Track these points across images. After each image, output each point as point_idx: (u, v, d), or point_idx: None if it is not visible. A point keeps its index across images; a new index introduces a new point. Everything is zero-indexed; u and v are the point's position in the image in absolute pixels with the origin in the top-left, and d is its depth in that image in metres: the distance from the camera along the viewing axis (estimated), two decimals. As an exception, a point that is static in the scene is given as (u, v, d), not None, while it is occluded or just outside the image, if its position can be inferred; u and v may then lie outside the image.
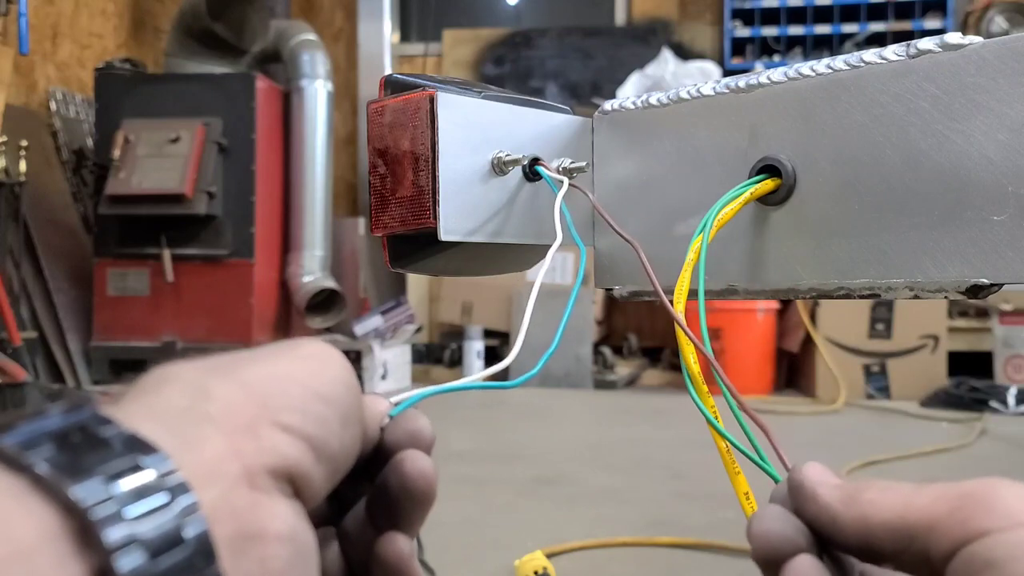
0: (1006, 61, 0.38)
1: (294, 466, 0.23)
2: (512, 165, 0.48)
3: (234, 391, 0.23)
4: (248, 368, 0.24)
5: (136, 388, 0.23)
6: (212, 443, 0.22)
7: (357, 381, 0.27)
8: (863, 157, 0.42)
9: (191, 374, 0.24)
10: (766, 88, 0.45)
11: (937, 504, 0.24)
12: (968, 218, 0.40)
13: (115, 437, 0.20)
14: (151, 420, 0.21)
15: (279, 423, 0.23)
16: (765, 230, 0.46)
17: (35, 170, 2.89)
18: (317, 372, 0.25)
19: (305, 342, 0.27)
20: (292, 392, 0.24)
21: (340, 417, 0.25)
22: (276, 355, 0.26)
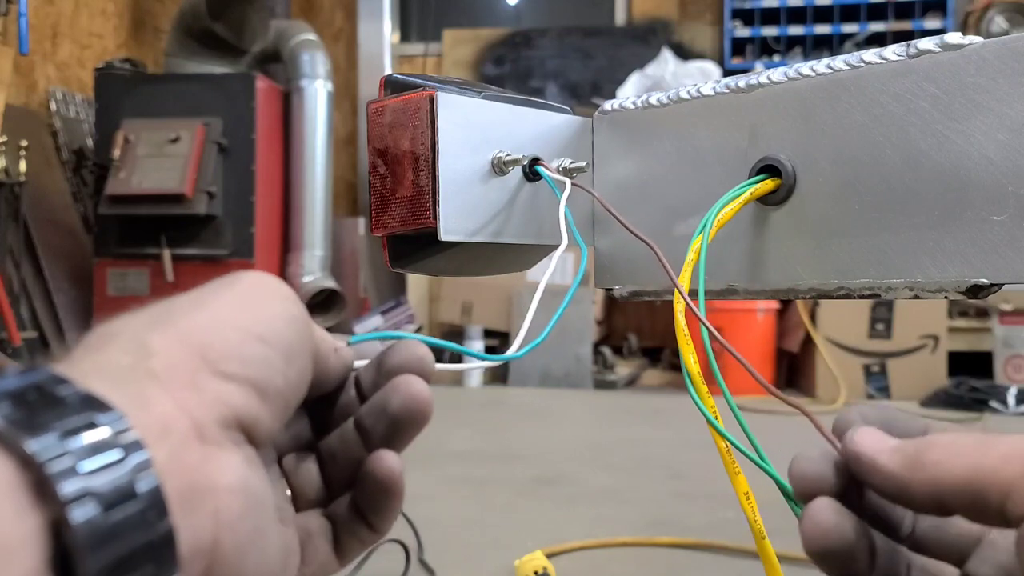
0: (1006, 61, 0.38)
1: (241, 413, 0.24)
2: (512, 165, 0.48)
3: (173, 345, 0.23)
4: (185, 317, 0.25)
5: (82, 346, 0.24)
6: (159, 401, 0.22)
7: (301, 308, 0.27)
8: (863, 157, 0.42)
9: (131, 329, 0.24)
10: (766, 88, 0.45)
11: (1010, 466, 0.24)
12: (968, 218, 0.40)
13: (71, 396, 0.20)
14: (100, 379, 0.22)
15: (220, 372, 0.23)
16: (765, 230, 0.46)
17: (35, 170, 2.89)
18: (255, 310, 0.26)
19: (242, 275, 0.27)
20: (230, 338, 0.24)
21: (282, 354, 0.25)
22: (214, 296, 0.26)
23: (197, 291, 0.26)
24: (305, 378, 0.27)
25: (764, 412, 2.54)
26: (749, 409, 2.64)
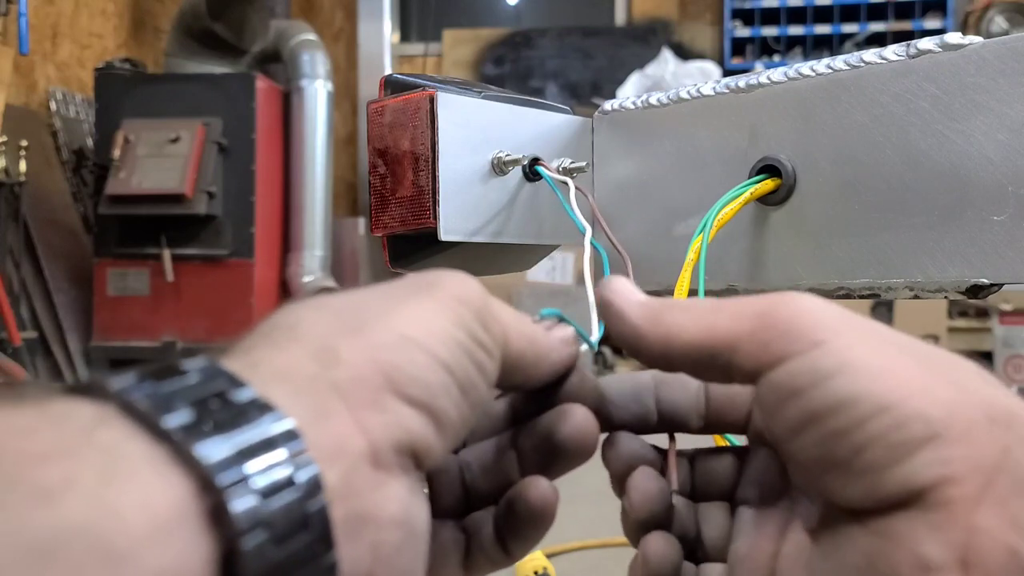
0: (1006, 61, 0.38)
1: (418, 440, 0.22)
2: (512, 165, 0.48)
3: (362, 357, 0.22)
4: (377, 325, 0.23)
5: (264, 336, 0.23)
6: (339, 417, 0.21)
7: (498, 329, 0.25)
8: (863, 157, 0.42)
9: (319, 329, 0.23)
10: (766, 88, 0.45)
11: (738, 324, 0.25)
12: (968, 218, 0.40)
13: (250, 406, 0.19)
14: (282, 385, 0.21)
15: (404, 395, 0.22)
16: (765, 230, 0.46)
17: (35, 170, 2.89)
18: (446, 332, 0.24)
19: (444, 282, 0.25)
20: (418, 361, 0.23)
21: (461, 387, 0.24)
22: (408, 303, 0.24)
23: (392, 288, 0.25)
24: (478, 408, 0.25)
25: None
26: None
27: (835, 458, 0.23)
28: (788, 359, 0.23)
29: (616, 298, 0.28)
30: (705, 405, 0.30)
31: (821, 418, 0.23)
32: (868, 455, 0.22)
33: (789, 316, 0.24)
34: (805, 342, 0.23)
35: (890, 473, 0.22)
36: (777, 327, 0.24)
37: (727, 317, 0.25)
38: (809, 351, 0.23)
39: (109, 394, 0.19)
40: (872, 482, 0.22)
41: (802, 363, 0.23)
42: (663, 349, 0.26)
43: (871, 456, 0.22)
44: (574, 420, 0.28)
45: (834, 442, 0.22)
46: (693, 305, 0.26)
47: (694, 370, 0.26)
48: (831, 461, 0.23)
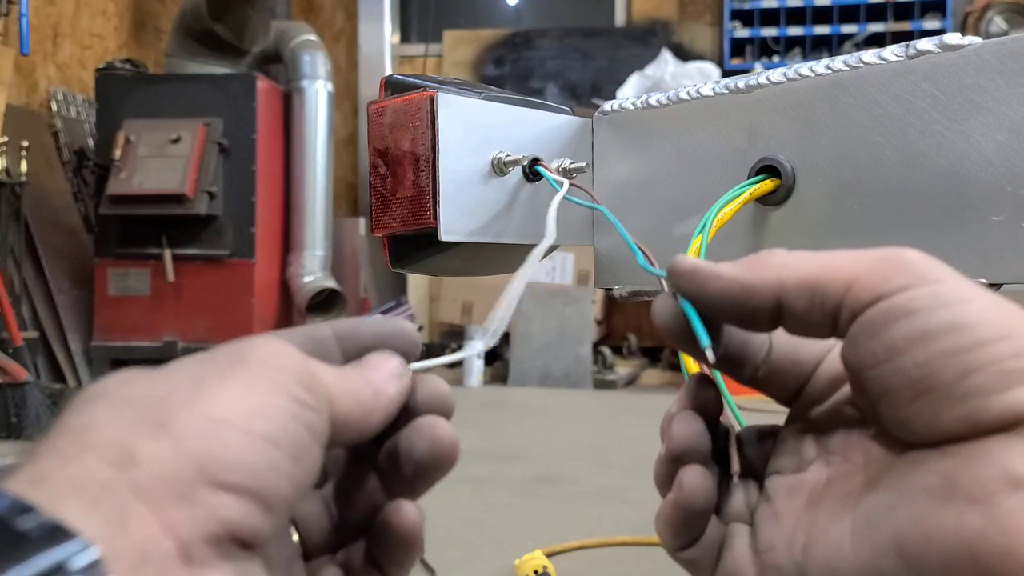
0: (1005, 62, 0.38)
1: (238, 526, 0.21)
2: (512, 165, 0.48)
3: (164, 452, 0.21)
4: (182, 414, 0.22)
5: (51, 446, 0.21)
6: (141, 521, 0.20)
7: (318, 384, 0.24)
8: (862, 157, 0.42)
9: (114, 429, 0.21)
10: (765, 89, 0.45)
11: (856, 264, 0.25)
12: (967, 218, 0.40)
13: (35, 531, 0.18)
14: (75, 498, 0.19)
15: (220, 483, 0.21)
16: (764, 230, 0.46)
17: (36, 170, 2.89)
18: (263, 404, 0.23)
19: (250, 352, 0.24)
20: (233, 444, 0.21)
21: (291, 455, 0.23)
22: (217, 383, 0.23)
23: (199, 367, 0.24)
24: (314, 471, 0.24)
25: (764, 412, 2.54)
26: (749, 409, 2.63)
27: (937, 380, 0.23)
28: (910, 288, 0.24)
29: (701, 263, 0.27)
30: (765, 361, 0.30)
31: (935, 337, 0.23)
32: (977, 378, 0.22)
33: (911, 259, 0.24)
34: (928, 278, 0.24)
35: (997, 398, 0.22)
36: (899, 266, 0.24)
37: (844, 257, 0.25)
38: (931, 284, 0.24)
39: None
40: (975, 406, 0.22)
41: (924, 291, 0.23)
42: (776, 289, 0.25)
43: (980, 379, 0.22)
44: (430, 434, 0.28)
45: (942, 363, 0.23)
46: (795, 252, 0.26)
47: (806, 309, 0.25)
48: (931, 384, 0.23)
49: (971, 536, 0.21)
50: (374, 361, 0.28)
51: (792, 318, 0.26)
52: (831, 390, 0.29)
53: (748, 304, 0.26)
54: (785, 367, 0.29)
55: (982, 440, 0.22)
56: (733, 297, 0.26)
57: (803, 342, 0.29)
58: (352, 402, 0.26)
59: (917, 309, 0.23)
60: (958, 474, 0.22)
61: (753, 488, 0.30)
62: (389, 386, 0.27)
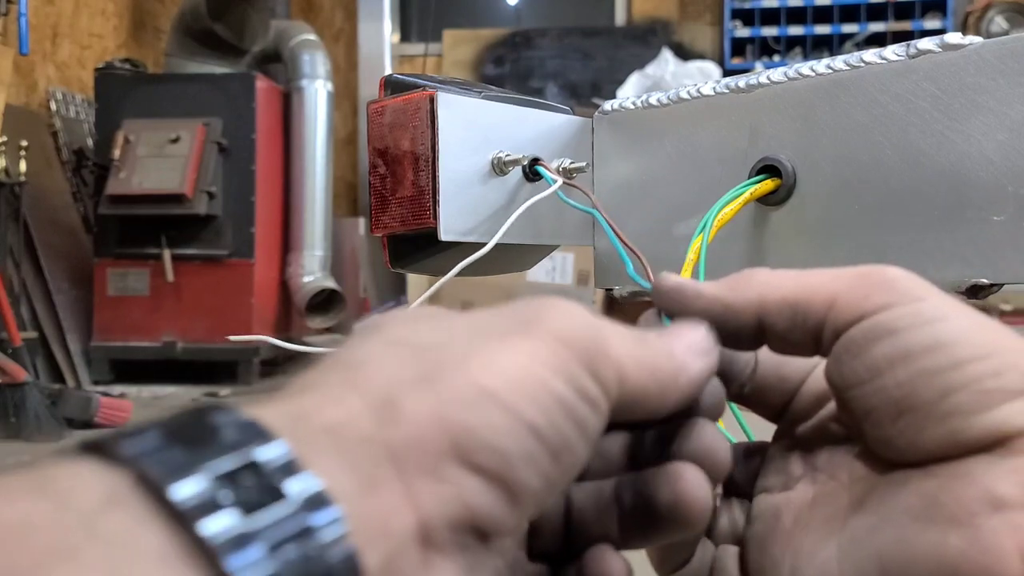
0: (1006, 61, 0.38)
1: (482, 515, 0.19)
2: (512, 165, 0.48)
3: (426, 414, 0.19)
4: (455, 374, 0.20)
5: (322, 377, 0.20)
6: (388, 488, 0.18)
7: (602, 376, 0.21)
8: (863, 157, 0.42)
9: (386, 373, 0.20)
10: (766, 88, 0.45)
11: (836, 281, 0.25)
12: (968, 218, 0.40)
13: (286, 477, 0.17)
14: (327, 445, 0.18)
15: (472, 463, 0.19)
16: (765, 230, 0.46)
17: (35, 170, 2.89)
18: (537, 387, 0.20)
19: (541, 314, 0.22)
20: (496, 423, 0.19)
21: (552, 452, 0.20)
22: (496, 343, 0.21)
23: (485, 321, 0.22)
24: (574, 472, 0.22)
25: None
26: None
27: (918, 400, 0.23)
28: (890, 307, 0.23)
29: (685, 282, 0.26)
30: (751, 378, 0.29)
31: (915, 357, 0.23)
32: (957, 398, 0.22)
33: (891, 276, 0.24)
34: (909, 296, 0.24)
35: (977, 419, 0.22)
36: (880, 284, 0.24)
37: (825, 275, 0.25)
38: (913, 303, 0.23)
39: (124, 459, 0.17)
40: (956, 426, 0.22)
41: (906, 310, 0.23)
42: (758, 308, 0.25)
43: (960, 399, 0.22)
44: (679, 485, 0.23)
45: (923, 382, 0.22)
46: (776, 271, 0.26)
47: (787, 328, 0.25)
48: (912, 403, 0.23)
49: (953, 558, 0.21)
50: (680, 329, 0.25)
51: (774, 337, 0.26)
52: (816, 407, 0.28)
53: (730, 323, 0.26)
54: (771, 384, 0.29)
55: (964, 460, 0.22)
56: (715, 316, 0.26)
57: (788, 359, 0.28)
58: (647, 376, 0.23)
59: (898, 328, 0.23)
60: (940, 495, 0.22)
61: (740, 508, 0.29)
62: (693, 362, 0.24)
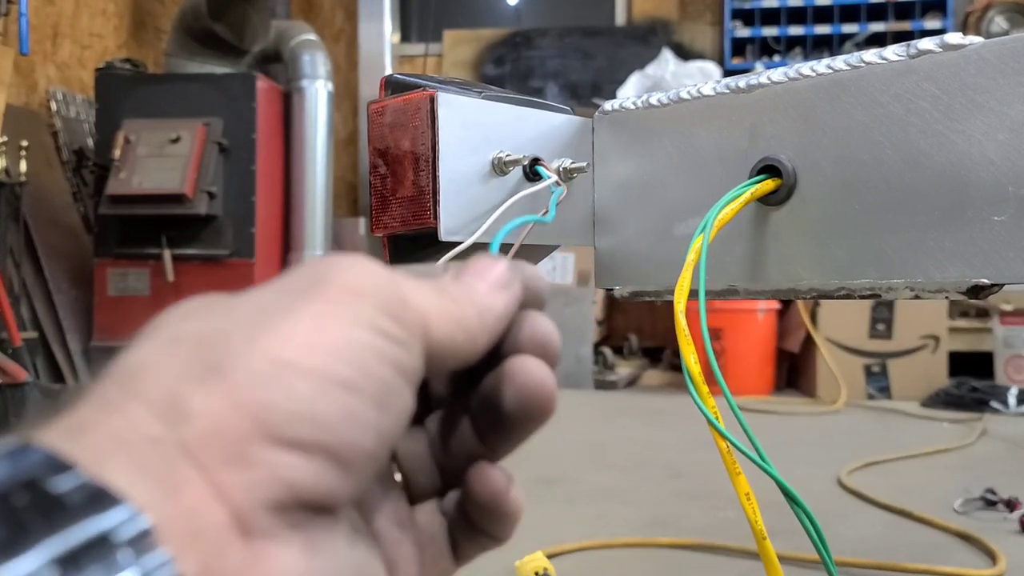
0: (1006, 61, 0.38)
1: (307, 490, 0.18)
2: (512, 165, 0.48)
3: (218, 403, 0.18)
4: (244, 354, 0.18)
5: (98, 393, 0.18)
6: (190, 487, 0.17)
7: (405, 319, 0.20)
8: (863, 157, 0.42)
9: (166, 373, 0.18)
10: (766, 88, 0.45)
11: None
12: (968, 218, 0.40)
13: (73, 495, 0.15)
14: (116, 455, 0.17)
15: (282, 439, 0.18)
16: (766, 230, 0.46)
17: (35, 170, 2.89)
18: (337, 339, 0.19)
19: (330, 274, 0.20)
20: (299, 390, 0.18)
21: (375, 400, 0.19)
22: (284, 315, 0.19)
23: (268, 294, 0.20)
24: (405, 416, 0.21)
25: (765, 412, 2.54)
26: (750, 409, 2.64)
27: None
28: None
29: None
30: None
31: None
32: None
33: None
34: None
35: None
36: None
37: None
38: None
39: None
40: None
41: None
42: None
43: None
44: (522, 380, 0.24)
45: None
46: None
47: None
48: None
49: None
50: (477, 267, 0.24)
51: None
52: None
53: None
54: None
55: None
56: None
57: None
58: (453, 326, 0.22)
59: None
60: None
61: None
62: (496, 300, 0.23)
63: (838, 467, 1.67)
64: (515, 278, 0.24)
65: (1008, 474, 1.72)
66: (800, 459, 1.81)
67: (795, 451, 1.91)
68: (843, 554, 1.13)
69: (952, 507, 1.39)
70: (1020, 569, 1.12)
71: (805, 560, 1.08)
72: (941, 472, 1.74)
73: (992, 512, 1.37)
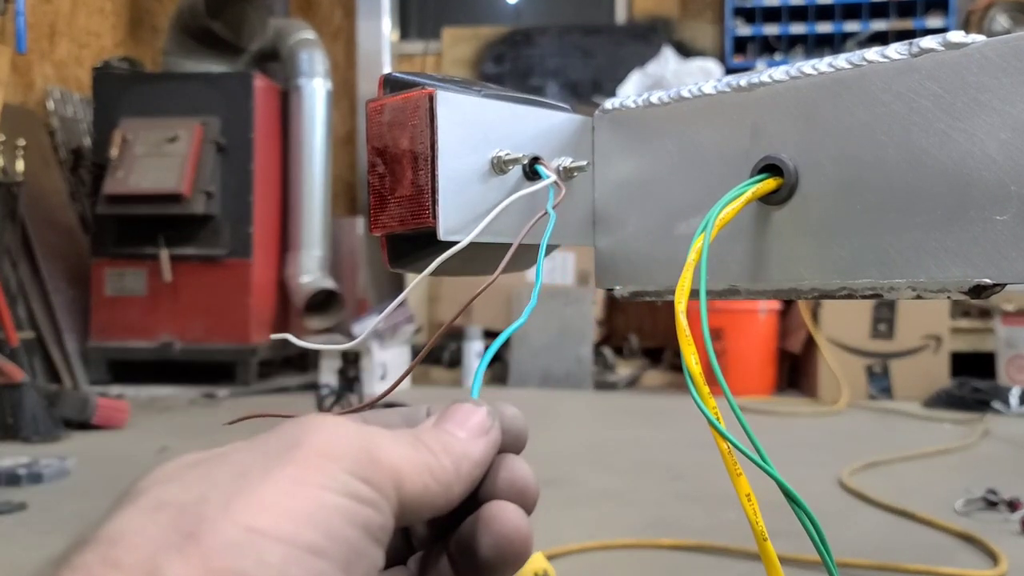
0: (1008, 60, 0.38)
1: None
2: (512, 164, 0.47)
3: (194, 573, 0.18)
4: (219, 522, 0.19)
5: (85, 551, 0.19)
6: None
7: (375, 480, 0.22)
8: (865, 156, 0.42)
9: (145, 543, 0.19)
10: (768, 87, 0.45)
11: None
12: (971, 218, 0.39)
13: None
14: None
15: None
16: (767, 230, 0.45)
17: (33, 169, 2.89)
18: (309, 507, 0.20)
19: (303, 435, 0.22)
20: (270, 559, 0.19)
21: (342, 564, 0.20)
22: (260, 478, 0.20)
23: (245, 456, 0.21)
24: (374, 572, 0.21)
25: (766, 413, 2.54)
26: (751, 410, 2.63)
27: None
28: None
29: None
30: None
31: None
32: None
33: None
34: None
35: None
36: None
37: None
38: None
39: None
40: None
41: None
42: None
43: None
44: (498, 529, 0.24)
45: None
46: None
47: None
48: None
49: None
50: (457, 414, 0.25)
51: None
52: None
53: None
54: None
55: None
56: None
57: None
58: (427, 478, 0.23)
59: None
60: None
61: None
62: (474, 448, 0.24)
63: (839, 468, 1.67)
64: (494, 423, 0.25)
65: (1010, 475, 1.71)
66: (801, 460, 1.81)
67: (796, 452, 1.90)
68: (844, 555, 1.13)
69: (953, 508, 1.39)
70: (1021, 570, 1.12)
71: (806, 561, 1.08)
72: (943, 473, 1.74)
73: (994, 513, 1.36)
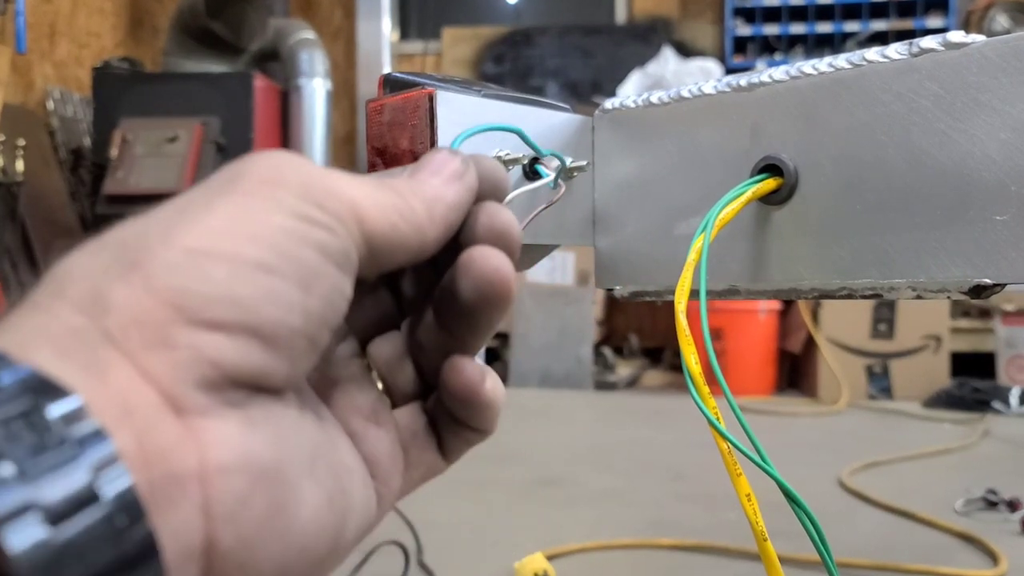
0: (1008, 60, 0.38)
1: (235, 368, 0.18)
2: (512, 164, 0.47)
3: (136, 294, 0.18)
4: (157, 249, 0.19)
5: (28, 301, 0.19)
6: (116, 370, 0.17)
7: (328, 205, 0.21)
8: (865, 156, 0.42)
9: (88, 274, 0.19)
10: (768, 87, 0.45)
11: None
12: (971, 218, 0.39)
13: (6, 378, 0.16)
14: (46, 347, 0.17)
15: (201, 321, 0.18)
16: (767, 230, 0.45)
17: (32, 169, 2.89)
18: (255, 226, 0.19)
19: (248, 168, 0.21)
20: (215, 275, 0.19)
21: (298, 282, 0.19)
22: (202, 210, 0.20)
23: (188, 195, 0.21)
24: (339, 299, 0.21)
25: (766, 413, 2.54)
26: (751, 410, 2.63)
27: None
28: None
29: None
30: None
31: None
32: None
33: None
34: None
35: None
36: None
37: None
38: None
39: None
40: None
41: None
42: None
43: None
44: (478, 269, 0.23)
45: None
46: None
47: None
48: None
49: None
50: (430, 162, 0.24)
51: None
52: None
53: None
54: None
55: None
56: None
57: None
58: (394, 217, 0.22)
59: None
60: None
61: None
62: (446, 191, 0.23)
63: (839, 468, 1.67)
64: (469, 169, 0.24)
65: (1010, 475, 1.71)
66: (801, 460, 1.81)
67: (796, 452, 1.90)
68: (844, 555, 1.13)
69: (953, 508, 1.39)
70: (1022, 570, 1.11)
71: (806, 561, 1.08)
72: (942, 473, 1.74)
73: (994, 513, 1.36)
